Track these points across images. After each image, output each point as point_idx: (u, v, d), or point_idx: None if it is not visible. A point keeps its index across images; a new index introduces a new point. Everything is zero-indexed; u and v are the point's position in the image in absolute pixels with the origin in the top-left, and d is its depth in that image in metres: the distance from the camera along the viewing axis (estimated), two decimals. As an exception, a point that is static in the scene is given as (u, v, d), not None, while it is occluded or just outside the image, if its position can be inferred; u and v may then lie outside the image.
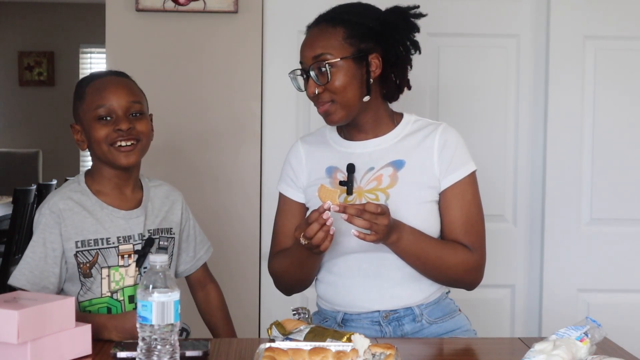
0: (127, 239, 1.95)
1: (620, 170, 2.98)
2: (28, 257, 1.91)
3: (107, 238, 1.93)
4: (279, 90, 2.94)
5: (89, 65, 7.64)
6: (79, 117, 1.97)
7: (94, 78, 2.00)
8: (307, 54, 1.95)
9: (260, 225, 2.95)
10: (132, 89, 1.99)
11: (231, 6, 2.87)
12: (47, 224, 1.91)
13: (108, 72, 2.06)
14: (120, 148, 1.91)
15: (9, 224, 4.94)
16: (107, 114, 1.92)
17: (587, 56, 2.96)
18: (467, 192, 1.98)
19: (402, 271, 1.95)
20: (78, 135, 1.99)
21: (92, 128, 1.92)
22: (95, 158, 1.99)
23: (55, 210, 1.91)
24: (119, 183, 1.98)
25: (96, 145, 1.93)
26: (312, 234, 1.78)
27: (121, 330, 1.79)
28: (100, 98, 1.92)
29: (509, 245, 3.00)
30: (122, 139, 1.91)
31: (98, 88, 1.95)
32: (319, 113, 1.98)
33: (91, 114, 1.92)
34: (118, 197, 1.98)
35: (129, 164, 1.93)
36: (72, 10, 7.55)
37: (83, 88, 1.97)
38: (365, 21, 1.95)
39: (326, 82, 1.91)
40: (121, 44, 2.92)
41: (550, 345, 1.54)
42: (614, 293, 2.99)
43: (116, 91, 1.94)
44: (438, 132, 1.99)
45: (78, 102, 1.97)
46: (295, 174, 2.08)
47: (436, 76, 2.96)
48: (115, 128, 1.91)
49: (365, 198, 1.94)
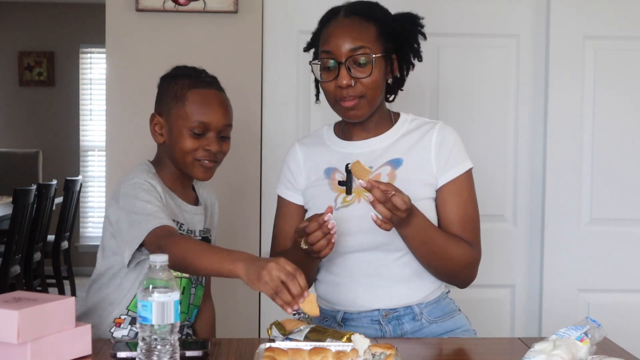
0: (191, 232, 1.98)
1: (620, 170, 2.98)
2: (149, 205, 1.83)
3: (181, 224, 1.95)
4: (279, 91, 2.94)
5: (89, 65, 7.63)
6: (168, 114, 1.95)
7: (196, 85, 1.96)
8: (342, 45, 1.92)
9: (260, 226, 2.95)
10: (229, 110, 1.99)
11: (231, 6, 2.87)
12: (151, 190, 1.88)
13: (210, 80, 2.00)
14: (202, 164, 1.94)
15: (9, 224, 4.94)
16: (203, 131, 1.92)
17: (587, 56, 2.96)
18: (464, 190, 1.99)
19: (401, 270, 1.95)
20: (157, 128, 1.98)
21: (182, 136, 1.92)
22: (167, 156, 1.98)
23: (152, 185, 1.89)
24: (183, 182, 2.01)
25: (179, 153, 1.94)
26: (315, 240, 1.78)
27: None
28: (202, 114, 1.92)
29: (509, 245, 3.00)
30: (208, 159, 1.93)
31: (202, 101, 1.93)
32: (342, 107, 1.95)
33: (186, 124, 1.92)
34: (182, 193, 2.00)
35: (205, 179, 1.97)
36: (72, 10, 7.55)
37: (184, 89, 1.95)
38: (389, 21, 1.97)
39: (365, 75, 1.91)
40: (121, 44, 2.92)
41: (550, 345, 1.54)
42: (614, 293, 2.99)
43: (218, 111, 1.94)
44: (435, 130, 2.00)
45: (172, 101, 1.95)
46: (294, 177, 2.08)
47: (436, 76, 2.96)
48: (205, 147, 1.92)
49: (364, 197, 1.94)
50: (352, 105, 1.93)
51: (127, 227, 1.83)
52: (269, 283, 1.55)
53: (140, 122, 2.89)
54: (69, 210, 5.97)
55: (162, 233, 1.76)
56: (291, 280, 1.55)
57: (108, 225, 1.94)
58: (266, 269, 1.56)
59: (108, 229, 1.94)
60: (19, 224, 4.93)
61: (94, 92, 7.62)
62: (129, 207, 1.84)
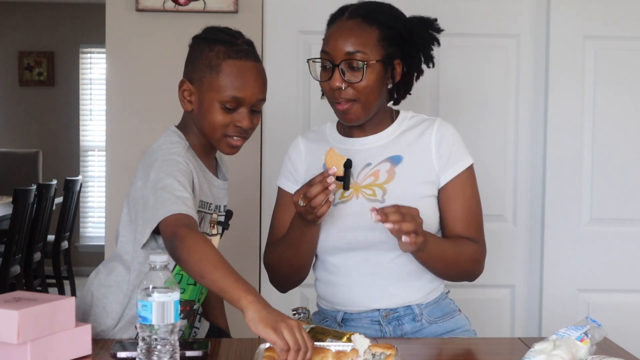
0: (217, 208, 1.93)
1: (620, 170, 2.98)
2: (180, 187, 1.72)
3: (210, 203, 1.89)
4: (279, 90, 2.94)
5: (89, 65, 7.63)
6: (200, 83, 1.84)
7: (232, 55, 1.83)
8: (339, 47, 1.91)
9: (260, 225, 2.95)
10: (264, 83, 1.88)
11: (231, 6, 2.88)
12: (187, 172, 1.78)
13: (247, 49, 1.86)
14: (231, 141, 1.85)
15: (9, 224, 4.94)
16: (235, 106, 1.82)
17: (587, 56, 2.96)
18: (467, 186, 1.99)
19: (401, 269, 1.95)
20: (187, 94, 1.87)
21: (213, 109, 1.82)
22: (194, 124, 1.88)
23: (188, 167, 1.81)
24: (209, 151, 1.93)
25: (208, 125, 1.84)
26: (314, 194, 1.76)
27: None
28: (236, 88, 1.81)
29: (509, 245, 3.00)
30: (239, 135, 1.85)
31: (238, 73, 1.82)
32: (337, 109, 1.96)
33: (219, 96, 1.81)
34: (207, 162, 1.92)
35: (231, 154, 1.89)
36: (72, 10, 7.55)
37: (219, 59, 1.83)
38: (396, 25, 1.95)
39: (356, 81, 1.90)
40: (121, 44, 2.92)
41: (550, 345, 1.54)
42: (614, 293, 3.00)
43: (253, 86, 1.83)
44: (434, 128, 2.00)
45: (206, 69, 1.83)
46: (295, 168, 2.08)
47: (436, 76, 2.96)
48: (237, 123, 1.83)
49: (362, 193, 1.94)
50: (345, 109, 1.94)
51: (153, 203, 1.71)
52: (287, 338, 1.46)
53: (140, 122, 2.90)
54: (69, 210, 5.97)
55: (184, 222, 1.66)
56: (304, 351, 1.48)
57: (138, 200, 1.81)
58: (286, 324, 1.47)
59: (137, 204, 1.81)
60: (19, 224, 4.93)
61: (94, 92, 7.62)
62: (160, 182, 1.73)
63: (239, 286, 1.53)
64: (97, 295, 1.89)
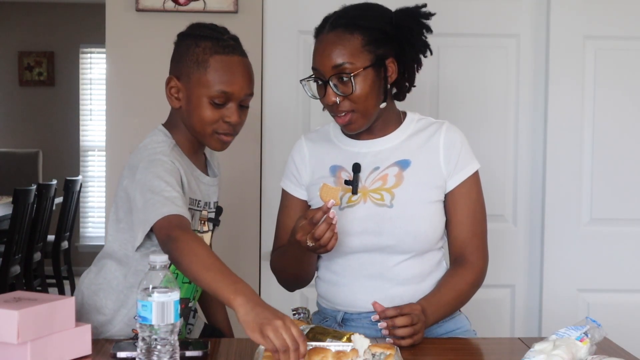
0: (206, 205, 1.92)
1: (620, 170, 2.98)
2: (168, 187, 1.71)
3: (199, 200, 1.89)
4: (279, 90, 2.94)
5: (89, 65, 7.63)
6: (188, 79, 1.83)
7: (219, 50, 1.83)
8: (325, 63, 1.90)
9: (260, 225, 2.95)
10: (252, 77, 1.88)
11: (231, 6, 2.88)
12: (174, 171, 1.77)
13: (234, 45, 1.86)
14: (220, 137, 1.85)
15: (9, 224, 4.94)
16: (224, 101, 1.82)
17: (587, 56, 2.96)
18: (473, 191, 1.99)
19: (404, 272, 1.95)
20: (174, 91, 1.86)
21: (201, 105, 1.81)
22: (182, 121, 1.88)
23: (174, 165, 1.80)
24: (197, 147, 1.92)
25: (197, 122, 1.83)
26: (322, 233, 1.75)
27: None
28: (224, 83, 1.81)
29: (509, 245, 3.00)
30: (227, 132, 1.85)
31: (226, 69, 1.82)
32: (338, 123, 1.95)
33: (207, 92, 1.81)
34: (195, 159, 1.92)
35: (221, 150, 1.89)
36: (72, 10, 7.54)
37: (206, 54, 1.82)
38: (380, 25, 1.92)
39: (349, 92, 1.88)
40: (121, 44, 2.92)
41: (550, 345, 1.54)
42: (614, 293, 3.00)
43: (241, 80, 1.83)
44: (443, 132, 1.99)
45: (193, 65, 1.83)
46: (298, 171, 2.07)
47: (436, 76, 2.96)
48: (225, 118, 1.82)
49: (370, 198, 1.94)
50: (345, 122, 1.93)
51: (142, 205, 1.71)
52: (273, 341, 1.46)
53: (140, 122, 2.90)
54: (69, 210, 5.97)
55: (177, 223, 1.66)
56: (294, 349, 1.47)
57: (124, 199, 1.81)
58: (272, 326, 1.47)
59: (124, 203, 1.82)
60: (19, 224, 4.93)
61: (94, 92, 7.62)
62: (147, 184, 1.72)
63: (229, 288, 1.53)
64: (88, 293, 1.90)
